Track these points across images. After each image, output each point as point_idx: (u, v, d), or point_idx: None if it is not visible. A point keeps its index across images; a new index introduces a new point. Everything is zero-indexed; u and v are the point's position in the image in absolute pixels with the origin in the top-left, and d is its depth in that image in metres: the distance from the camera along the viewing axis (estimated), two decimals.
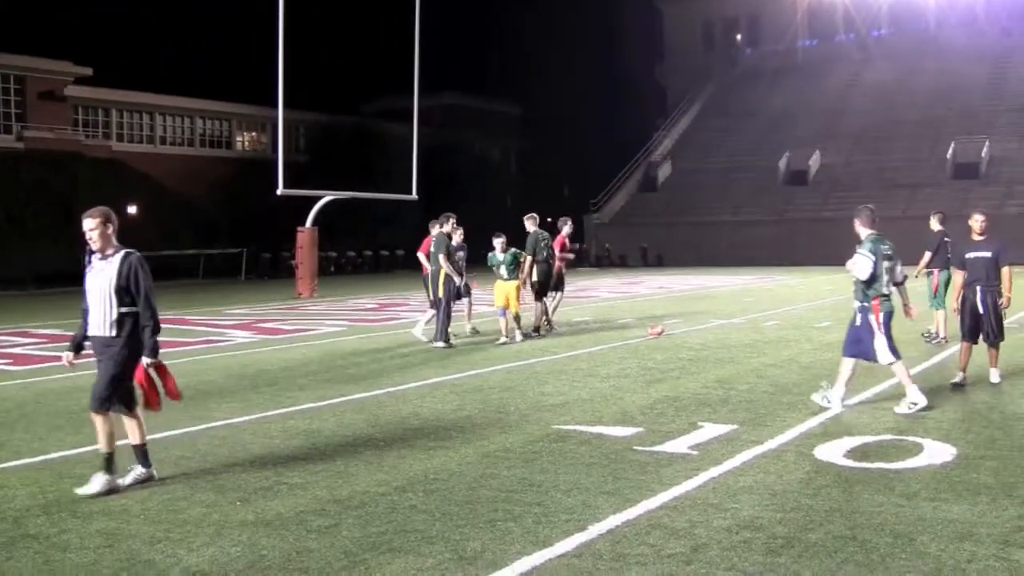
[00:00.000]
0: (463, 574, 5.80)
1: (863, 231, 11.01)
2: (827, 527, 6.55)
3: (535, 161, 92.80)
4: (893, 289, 10.91)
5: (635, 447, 9.02)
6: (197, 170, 70.10)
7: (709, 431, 9.62)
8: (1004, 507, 6.94)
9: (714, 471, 8.05)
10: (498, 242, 18.69)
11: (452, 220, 18.55)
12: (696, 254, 61.91)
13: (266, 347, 18.74)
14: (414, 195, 39.12)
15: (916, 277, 18.22)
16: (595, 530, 6.53)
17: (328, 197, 38.00)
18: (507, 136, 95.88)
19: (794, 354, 16.02)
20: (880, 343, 10.69)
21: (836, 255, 37.31)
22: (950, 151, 65.27)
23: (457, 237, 20.46)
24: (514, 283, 18.24)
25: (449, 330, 17.98)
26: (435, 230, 18.61)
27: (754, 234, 61.98)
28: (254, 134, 79.41)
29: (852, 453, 8.62)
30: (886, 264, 10.76)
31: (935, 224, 18.16)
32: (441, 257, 17.91)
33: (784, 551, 6.09)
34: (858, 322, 10.87)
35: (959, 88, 72.05)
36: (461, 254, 19.82)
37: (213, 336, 21.04)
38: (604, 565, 5.90)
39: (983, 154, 64.70)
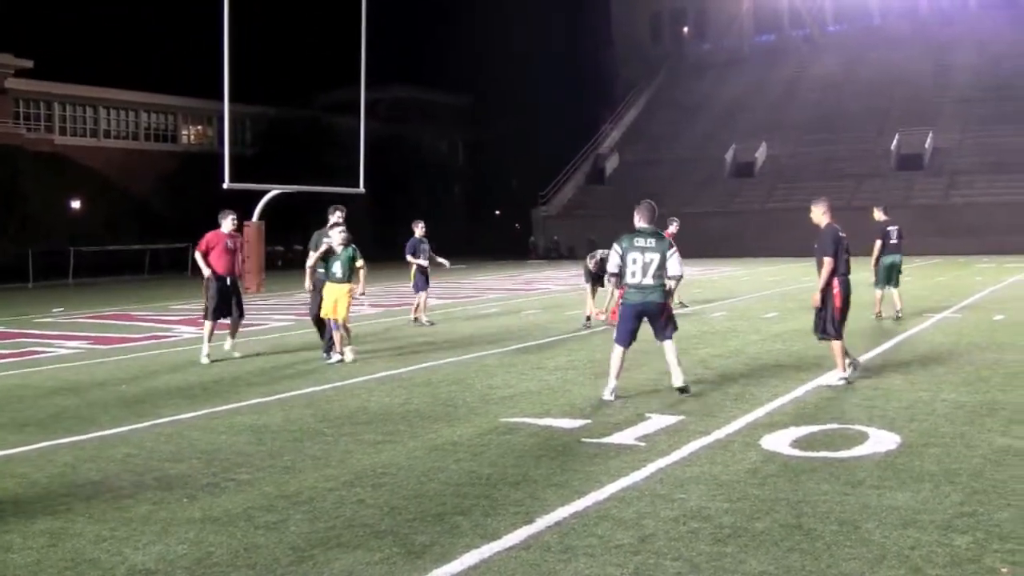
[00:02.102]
0: (411, 568, 5.78)
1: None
2: (773, 516, 6.59)
3: (484, 153, 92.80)
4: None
5: (583, 439, 9.04)
6: (142, 164, 69.47)
7: (656, 422, 9.65)
8: (947, 494, 7.02)
9: (661, 462, 8.08)
10: (337, 235, 15.16)
11: (338, 213, 16.05)
12: None
13: (213, 342, 18.59)
14: (361, 188, 38.94)
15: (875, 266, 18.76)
16: (543, 522, 6.54)
17: (275, 191, 37.75)
18: (456, 128, 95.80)
19: (741, 345, 16.13)
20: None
21: (782, 246, 37.57)
22: (894, 142, 65.96)
23: (419, 231, 20.64)
24: (347, 286, 14.94)
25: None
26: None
27: (701, 226, 62.23)
28: (200, 127, 78.80)
29: (798, 442, 8.68)
30: None
31: (879, 215, 19.08)
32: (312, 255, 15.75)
33: (731, 540, 6.13)
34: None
35: (903, 80, 72.85)
36: (424, 247, 20.28)
37: (159, 332, 20.87)
38: (552, 557, 5.91)
39: (927, 145, 65.45)
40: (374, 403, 11.34)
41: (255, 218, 36.61)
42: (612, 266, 11.38)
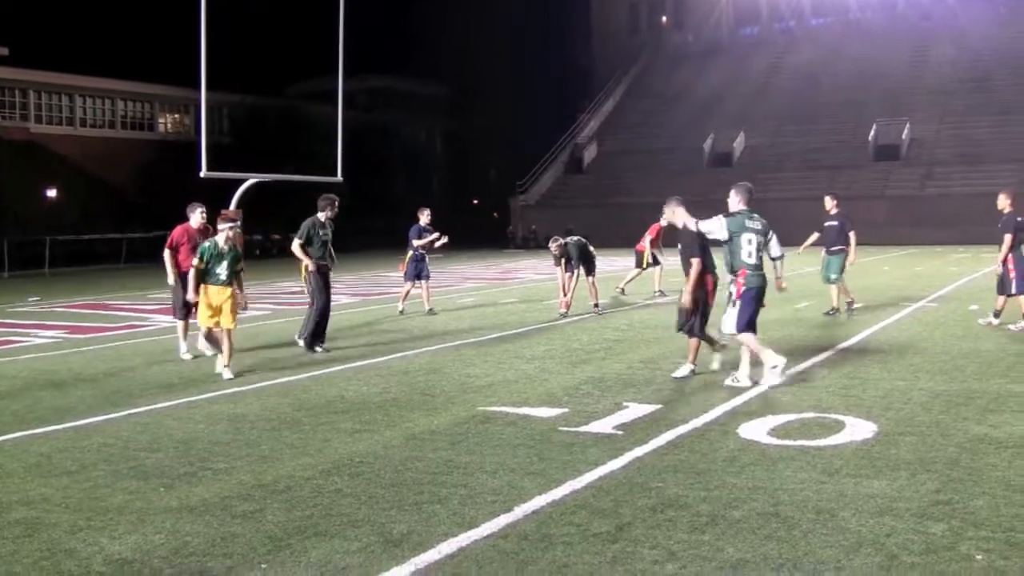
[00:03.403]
0: (389, 557, 5.78)
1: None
2: (750, 504, 6.61)
3: (462, 143, 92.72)
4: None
5: (560, 428, 9.04)
6: (118, 152, 69.05)
7: (634, 411, 9.66)
8: (922, 482, 7.05)
9: (639, 451, 8.09)
10: (224, 231, 13.10)
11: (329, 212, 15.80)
12: (622, 236, 62.10)
13: (190, 332, 18.52)
14: (339, 177, 38.80)
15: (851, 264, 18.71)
16: (521, 511, 6.54)
17: (252, 180, 37.53)
18: (434, 118, 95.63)
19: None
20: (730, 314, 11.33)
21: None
22: (872, 133, 66.16)
23: (424, 218, 20.55)
24: (229, 290, 12.99)
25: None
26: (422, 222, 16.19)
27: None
28: (177, 116, 78.33)
29: (775, 431, 8.71)
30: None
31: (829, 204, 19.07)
32: (296, 245, 15.60)
33: (708, 528, 6.14)
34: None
35: (881, 71, 72.99)
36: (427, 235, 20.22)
37: (135, 321, 20.79)
38: (530, 546, 5.91)
39: (904, 136, 65.65)
40: (351, 392, 11.32)
41: (232, 207, 36.43)
42: (712, 230, 11.27)
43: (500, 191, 77.44)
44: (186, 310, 14.68)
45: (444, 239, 20.96)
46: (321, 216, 15.63)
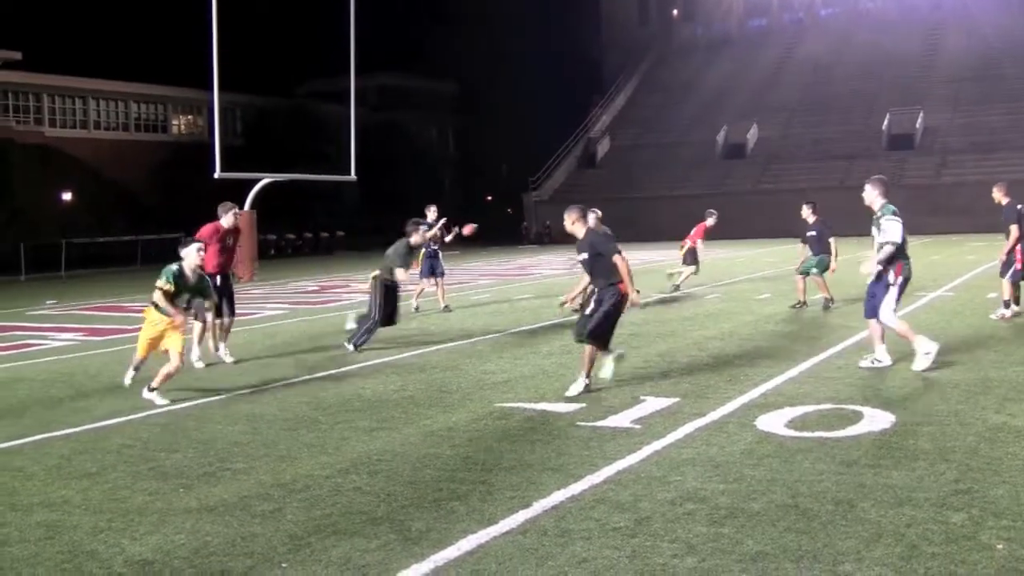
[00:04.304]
0: (408, 554, 5.79)
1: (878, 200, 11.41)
2: (769, 496, 6.60)
3: (474, 139, 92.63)
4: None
5: (578, 423, 9.04)
6: (133, 155, 69.20)
7: (651, 405, 9.66)
8: (941, 472, 7.04)
9: (657, 444, 8.09)
10: (195, 255, 11.81)
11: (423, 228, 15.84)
12: (635, 229, 61.99)
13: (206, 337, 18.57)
14: (353, 176, 38.89)
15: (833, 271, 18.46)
16: (540, 506, 6.55)
17: (266, 180, 37.69)
18: (445, 115, 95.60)
19: (735, 327, 16.13)
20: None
21: (774, 227, 37.63)
22: (885, 122, 65.96)
23: (430, 215, 20.51)
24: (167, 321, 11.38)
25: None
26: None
27: (693, 208, 61.94)
28: (190, 117, 78.45)
29: (793, 423, 8.70)
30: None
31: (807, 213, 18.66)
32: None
33: (727, 521, 6.14)
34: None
35: (892, 60, 72.81)
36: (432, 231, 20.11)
37: None
38: (549, 541, 5.92)
39: (917, 125, 65.45)
40: (368, 390, 11.34)
41: (247, 207, 36.53)
42: (895, 236, 11.14)
43: (513, 187, 77.38)
44: (213, 311, 14.32)
45: (458, 229, 20.84)
46: (412, 240, 15.30)
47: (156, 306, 11.31)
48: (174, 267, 11.48)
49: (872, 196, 11.33)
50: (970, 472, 7.01)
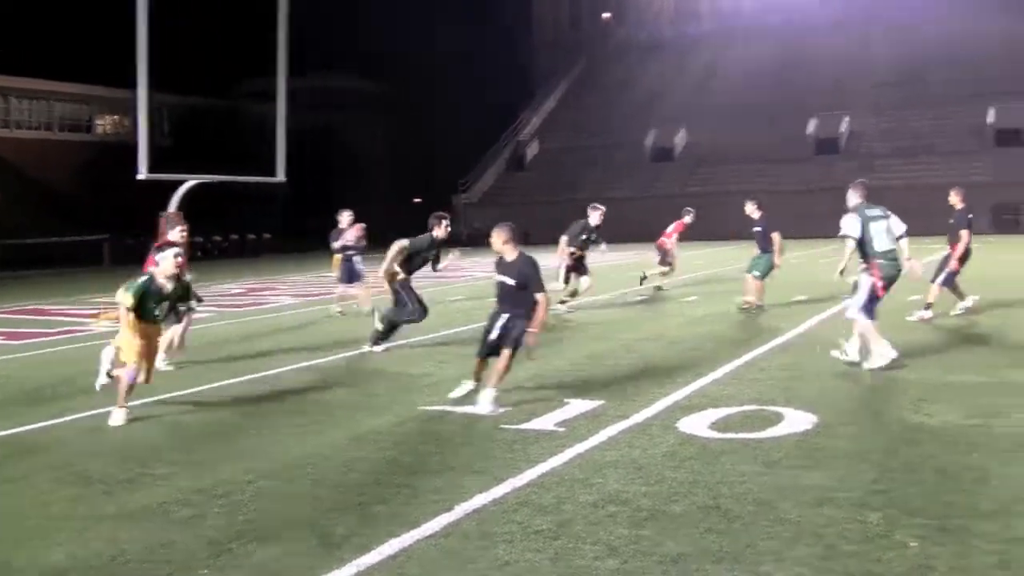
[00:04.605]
0: (330, 559, 5.77)
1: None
2: (691, 498, 6.66)
3: (404, 141, 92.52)
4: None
5: (502, 425, 9.05)
6: (56, 154, 68.32)
7: (576, 407, 9.69)
8: (861, 472, 7.15)
9: (580, 447, 8.12)
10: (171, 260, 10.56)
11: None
12: (564, 232, 62.27)
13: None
14: (281, 177, 38.58)
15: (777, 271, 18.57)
16: (462, 509, 6.56)
17: (192, 181, 37.23)
18: (376, 116, 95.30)
19: (662, 329, 16.24)
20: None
21: (702, 230, 37.91)
22: (811, 127, 66.78)
23: (344, 221, 20.45)
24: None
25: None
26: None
27: (622, 211, 62.43)
28: (116, 117, 77.55)
29: (715, 424, 8.77)
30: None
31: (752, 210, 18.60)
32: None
33: (649, 523, 6.19)
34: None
35: (820, 66, 73.72)
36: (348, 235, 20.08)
37: (76, 326, 20.53)
38: (472, 544, 5.93)
39: (843, 129, 66.35)
40: (293, 394, 11.27)
41: (172, 208, 36.10)
42: (850, 230, 11.71)
43: (443, 189, 77.35)
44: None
45: (356, 239, 20.57)
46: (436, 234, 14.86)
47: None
48: (141, 281, 10.30)
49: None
50: (887, 472, 7.14)
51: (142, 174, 32.39)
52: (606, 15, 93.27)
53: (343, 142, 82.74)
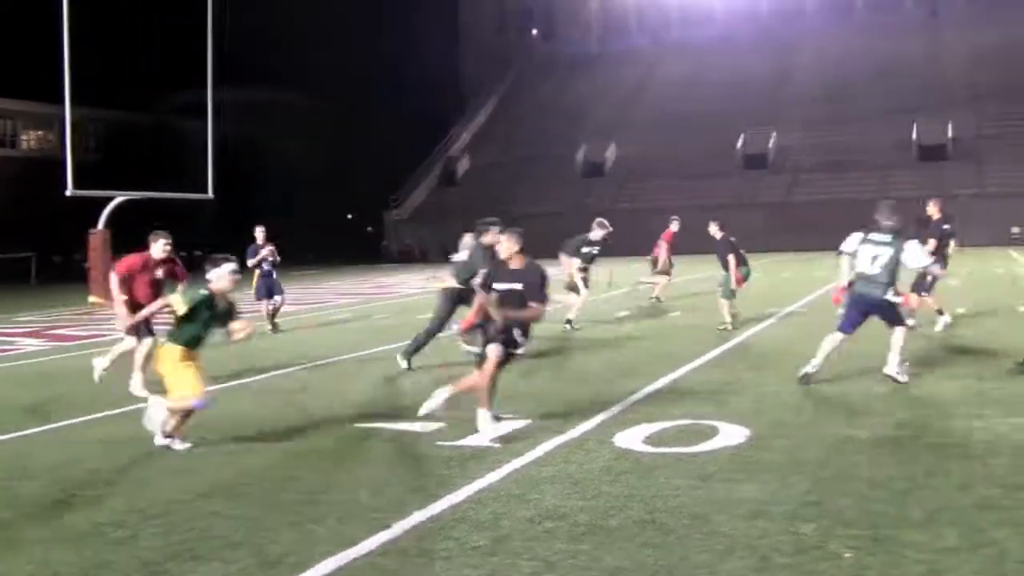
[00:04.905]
0: None
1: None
2: (627, 512, 6.71)
3: (335, 156, 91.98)
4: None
5: (438, 442, 9.05)
6: None
7: (511, 424, 9.70)
8: (793, 484, 7.24)
9: (516, 463, 8.15)
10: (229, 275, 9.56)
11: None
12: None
13: (59, 354, 18.12)
14: (210, 194, 38.33)
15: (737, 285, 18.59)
16: (400, 527, 6.55)
17: (120, 198, 36.87)
18: (306, 130, 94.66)
19: (593, 345, 16.31)
20: None
21: (632, 245, 38.20)
22: (740, 142, 67.54)
23: (259, 235, 20.34)
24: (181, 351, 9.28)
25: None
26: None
27: (553, 225, 62.60)
28: (41, 132, 76.50)
29: (650, 439, 8.83)
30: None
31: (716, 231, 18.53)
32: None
33: (586, 538, 6.22)
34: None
35: (748, 82, 74.57)
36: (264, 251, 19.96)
37: (2, 345, 20.20)
38: (409, 562, 5.93)
39: (770, 145, 67.19)
40: (227, 413, 11.14)
41: (100, 226, 35.72)
42: (847, 246, 12.02)
43: (374, 205, 77.16)
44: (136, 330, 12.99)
45: (270, 254, 20.49)
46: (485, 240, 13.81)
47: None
48: (202, 293, 9.30)
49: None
50: (820, 483, 7.24)
51: (69, 190, 32.09)
52: (534, 31, 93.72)
53: (271, 156, 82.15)
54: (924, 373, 11.97)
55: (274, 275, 20.54)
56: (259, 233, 20.68)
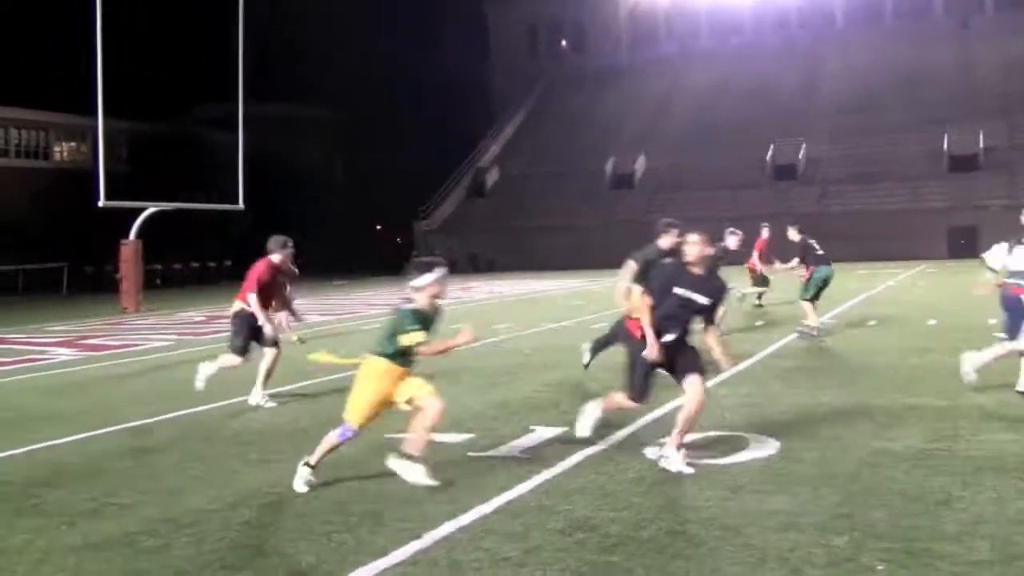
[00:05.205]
0: None
1: None
2: (658, 523, 6.69)
3: (364, 168, 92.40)
4: None
5: (468, 453, 9.06)
6: (13, 182, 67.79)
7: (541, 434, 9.71)
8: (824, 496, 7.20)
9: (547, 473, 8.14)
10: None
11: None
12: (525, 259, 62.46)
13: (91, 364, 18.22)
14: (241, 205, 38.53)
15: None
16: (430, 537, 6.55)
17: (151, 209, 37.13)
18: (337, 144, 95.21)
19: (621, 355, 16.23)
20: None
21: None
22: (769, 153, 67.36)
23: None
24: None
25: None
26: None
27: (582, 238, 62.84)
28: (73, 144, 77.08)
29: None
30: None
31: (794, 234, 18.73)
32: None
33: (617, 549, 6.20)
34: None
35: (776, 91, 74.41)
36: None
37: (34, 354, 20.36)
38: (439, 572, 5.92)
39: (800, 156, 66.99)
40: (258, 422, 11.22)
41: (132, 236, 35.96)
42: (993, 261, 11.88)
43: (404, 216, 77.31)
44: (245, 350, 12.92)
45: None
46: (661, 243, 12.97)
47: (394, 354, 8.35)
48: (410, 308, 8.55)
49: None
50: (852, 496, 7.19)
51: (101, 202, 32.33)
52: (563, 42, 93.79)
53: (302, 169, 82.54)
54: (957, 387, 11.86)
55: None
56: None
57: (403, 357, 8.31)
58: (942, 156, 63.38)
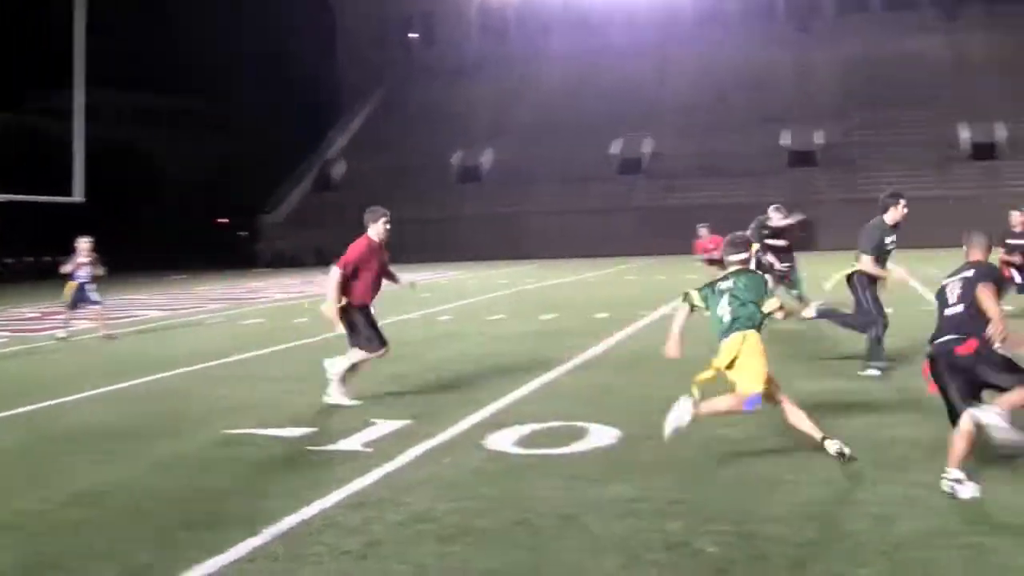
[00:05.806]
0: None
1: None
2: (498, 514, 6.73)
3: (208, 159, 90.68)
4: None
5: (308, 447, 8.99)
6: None
7: (382, 427, 9.66)
8: (662, 482, 7.34)
9: (388, 466, 8.11)
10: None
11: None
12: None
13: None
14: (78, 197, 37.44)
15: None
16: (269, 532, 6.48)
17: None
18: (182, 134, 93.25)
19: (466, 347, 16.34)
20: None
21: (508, 249, 38.43)
22: (616, 147, 68.37)
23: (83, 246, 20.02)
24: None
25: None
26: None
27: (429, 231, 62.75)
28: None
29: (521, 441, 8.87)
30: None
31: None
32: (867, 259, 11.99)
33: (457, 540, 6.23)
34: None
35: (624, 87, 75.28)
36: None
37: None
38: (279, 567, 5.88)
39: (645, 150, 68.13)
40: (94, 420, 10.94)
41: None
42: None
43: (248, 209, 76.13)
44: (382, 342, 11.49)
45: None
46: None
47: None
48: (762, 276, 9.05)
49: None
50: (687, 482, 7.36)
51: None
52: (413, 35, 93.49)
53: (143, 159, 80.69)
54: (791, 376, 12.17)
55: (91, 287, 20.23)
56: (83, 244, 20.35)
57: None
58: (781, 152, 65.22)
